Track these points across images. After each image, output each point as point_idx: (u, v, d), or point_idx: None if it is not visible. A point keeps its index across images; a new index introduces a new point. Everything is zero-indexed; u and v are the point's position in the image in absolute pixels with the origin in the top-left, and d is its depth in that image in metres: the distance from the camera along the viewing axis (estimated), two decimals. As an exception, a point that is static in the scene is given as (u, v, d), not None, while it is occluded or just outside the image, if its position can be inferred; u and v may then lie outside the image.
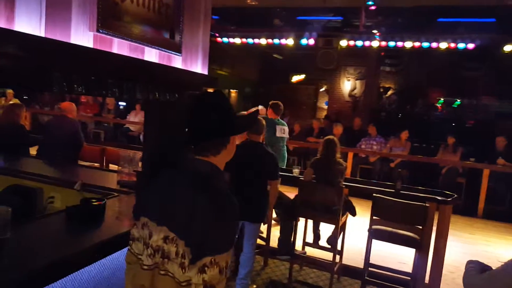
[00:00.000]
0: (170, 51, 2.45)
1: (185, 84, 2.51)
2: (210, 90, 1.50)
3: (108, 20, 2.01)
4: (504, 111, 9.49)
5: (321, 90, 12.11)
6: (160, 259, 1.11)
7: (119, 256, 1.79)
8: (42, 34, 1.61)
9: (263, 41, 7.90)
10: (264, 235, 3.97)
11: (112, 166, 4.67)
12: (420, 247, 3.12)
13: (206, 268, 1.04)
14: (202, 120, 1.19)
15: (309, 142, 7.63)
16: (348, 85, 11.08)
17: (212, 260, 1.05)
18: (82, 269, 1.61)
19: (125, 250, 1.26)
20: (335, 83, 11.25)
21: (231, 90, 12.19)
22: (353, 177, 6.48)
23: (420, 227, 3.14)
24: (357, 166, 7.10)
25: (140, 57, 2.24)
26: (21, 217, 1.75)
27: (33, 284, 1.38)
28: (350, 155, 6.83)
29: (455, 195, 3.58)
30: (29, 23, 1.56)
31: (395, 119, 9.41)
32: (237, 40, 8.15)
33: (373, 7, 6.23)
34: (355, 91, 10.96)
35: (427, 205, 3.10)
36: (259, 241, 4.05)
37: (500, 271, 1.51)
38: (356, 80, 10.92)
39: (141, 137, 5.90)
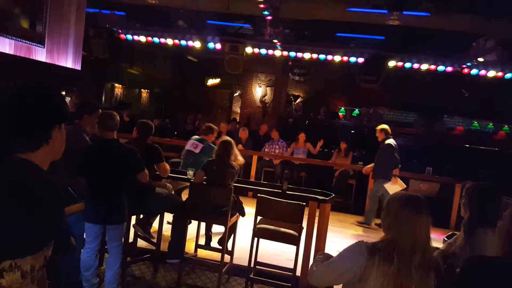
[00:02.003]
0: (29, 42, 2.23)
1: (49, 79, 2.31)
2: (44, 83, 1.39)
3: None
4: (391, 120, 10.79)
5: (235, 94, 12.36)
6: None
7: None
8: None
9: (169, 41, 7.73)
10: (155, 240, 3.86)
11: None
12: (299, 243, 3.32)
13: (4, 273, 1.01)
14: (13, 114, 1.12)
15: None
16: (259, 91, 11.51)
17: (13, 264, 1.02)
18: None
19: None
20: (247, 89, 11.60)
21: (142, 89, 11.70)
22: (257, 180, 6.73)
23: (299, 224, 3.35)
24: (261, 169, 7.36)
25: (-15, 45, 2.00)
26: None
27: None
28: (255, 158, 7.05)
29: (333, 195, 3.91)
30: None
31: (301, 126, 10.03)
32: (143, 39, 7.86)
33: (269, 17, 6.54)
34: (266, 98, 11.43)
35: (303, 204, 3.32)
36: (149, 245, 3.93)
37: (334, 260, 1.75)
38: (267, 87, 11.40)
39: None
